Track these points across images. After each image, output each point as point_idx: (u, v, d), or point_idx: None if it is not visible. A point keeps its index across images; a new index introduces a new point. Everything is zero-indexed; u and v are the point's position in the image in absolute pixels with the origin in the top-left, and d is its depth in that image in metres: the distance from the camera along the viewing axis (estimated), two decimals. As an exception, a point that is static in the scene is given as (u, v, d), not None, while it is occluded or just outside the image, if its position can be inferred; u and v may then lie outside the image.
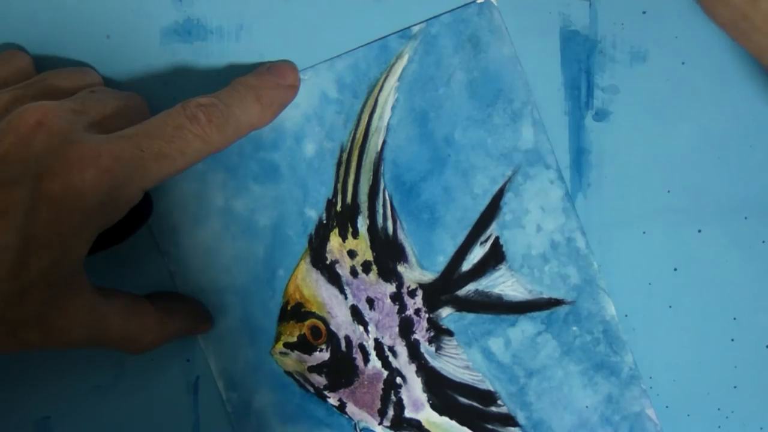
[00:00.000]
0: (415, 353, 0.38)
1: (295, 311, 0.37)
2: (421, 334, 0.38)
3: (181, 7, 0.36)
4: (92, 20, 0.36)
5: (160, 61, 0.36)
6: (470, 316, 0.37)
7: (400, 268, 0.37)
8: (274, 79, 0.34)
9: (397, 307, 0.37)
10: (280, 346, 0.37)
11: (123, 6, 0.36)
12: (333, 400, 0.38)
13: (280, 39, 0.36)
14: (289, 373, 0.38)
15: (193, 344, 0.38)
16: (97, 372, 0.37)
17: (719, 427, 0.38)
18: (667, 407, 0.38)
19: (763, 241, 0.37)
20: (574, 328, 0.37)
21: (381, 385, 0.38)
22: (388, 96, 0.36)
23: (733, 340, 0.37)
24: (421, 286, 0.37)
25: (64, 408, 0.38)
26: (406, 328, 0.37)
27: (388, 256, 0.37)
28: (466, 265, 0.37)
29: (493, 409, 0.38)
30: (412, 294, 0.37)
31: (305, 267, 0.37)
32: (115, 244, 0.34)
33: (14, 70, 0.34)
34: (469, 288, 0.37)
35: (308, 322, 0.37)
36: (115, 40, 0.36)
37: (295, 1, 0.36)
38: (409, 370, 0.38)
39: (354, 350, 0.38)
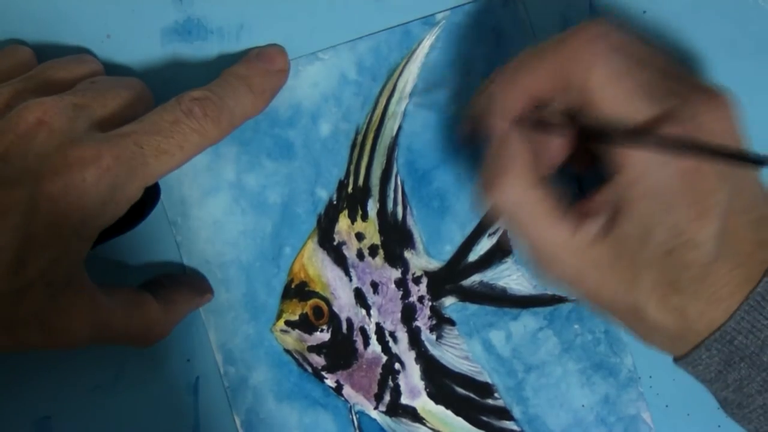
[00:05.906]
0: (415, 340, 0.38)
1: (298, 290, 0.37)
2: (422, 322, 0.37)
3: (181, 7, 0.36)
4: (92, 20, 0.36)
5: (160, 61, 0.36)
6: (473, 307, 0.37)
7: (407, 254, 0.37)
8: (264, 65, 0.34)
9: (401, 292, 0.37)
10: (281, 324, 0.37)
11: (123, 6, 0.36)
12: (330, 381, 0.38)
13: (280, 39, 0.36)
14: (288, 351, 0.38)
15: (193, 344, 0.37)
16: (97, 372, 0.37)
17: (719, 426, 0.38)
18: (667, 407, 0.38)
19: None
20: (576, 327, 0.37)
21: (379, 370, 0.38)
22: (407, 81, 0.36)
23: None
24: (427, 273, 0.37)
25: (64, 408, 0.37)
26: (408, 315, 0.37)
27: (395, 241, 0.37)
28: (473, 256, 0.37)
29: (490, 401, 0.38)
30: (416, 281, 0.37)
31: (312, 246, 0.37)
32: (117, 235, 0.34)
33: (16, 63, 0.33)
34: (474, 279, 0.37)
35: (311, 302, 0.37)
36: (115, 40, 0.36)
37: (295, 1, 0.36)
38: (409, 356, 0.38)
39: (355, 333, 0.37)
